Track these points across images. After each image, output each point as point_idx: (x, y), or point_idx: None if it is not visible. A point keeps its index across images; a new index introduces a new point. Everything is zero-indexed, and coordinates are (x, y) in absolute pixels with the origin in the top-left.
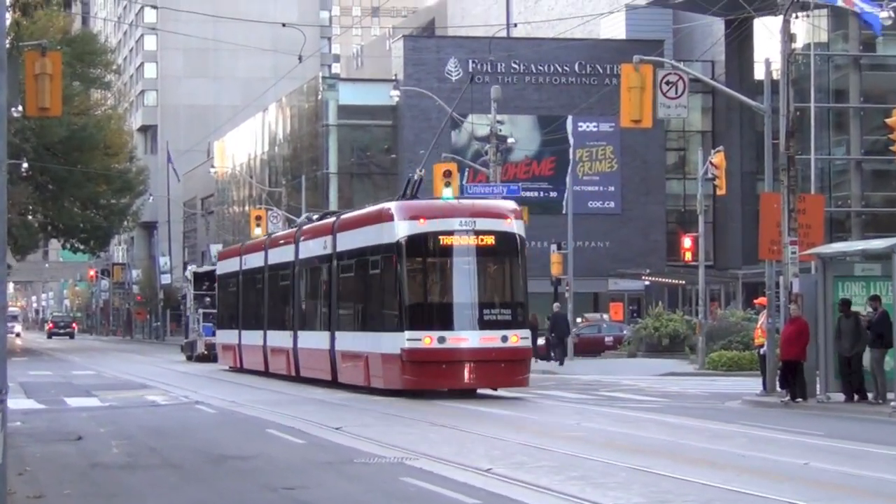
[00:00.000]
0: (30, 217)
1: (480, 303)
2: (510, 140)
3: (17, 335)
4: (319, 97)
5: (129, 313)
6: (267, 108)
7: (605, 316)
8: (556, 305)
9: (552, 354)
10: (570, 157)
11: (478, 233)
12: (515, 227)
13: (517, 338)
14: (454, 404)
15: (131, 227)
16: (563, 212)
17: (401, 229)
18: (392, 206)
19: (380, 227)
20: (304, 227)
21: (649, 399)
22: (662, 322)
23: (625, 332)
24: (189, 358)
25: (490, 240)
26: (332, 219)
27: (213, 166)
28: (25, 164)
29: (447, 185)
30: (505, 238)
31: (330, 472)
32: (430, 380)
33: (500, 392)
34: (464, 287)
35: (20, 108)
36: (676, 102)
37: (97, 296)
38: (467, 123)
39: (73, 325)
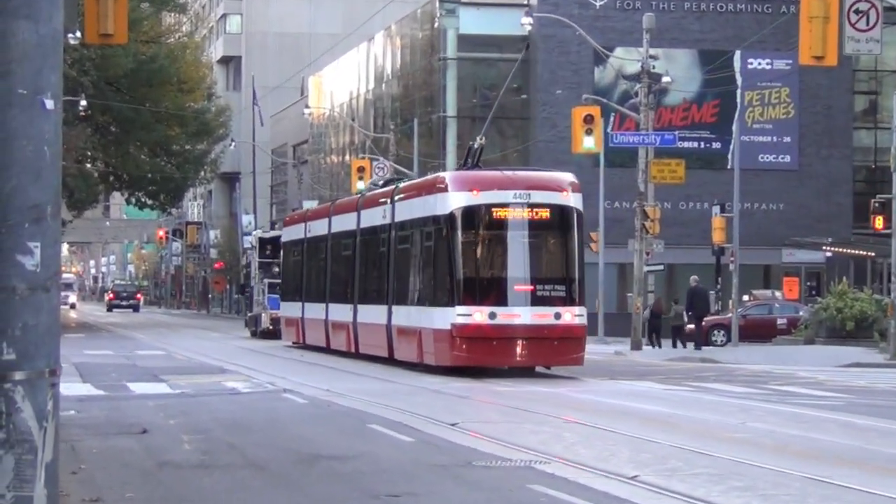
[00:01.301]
0: (88, 165)
1: (534, 278)
2: (665, 79)
3: (72, 306)
4: (436, 25)
5: (206, 282)
6: (373, 38)
7: (778, 294)
8: (693, 279)
9: (677, 341)
10: (738, 100)
11: (532, 206)
12: (573, 200)
13: (571, 315)
14: (592, 398)
15: (209, 179)
16: (728, 167)
17: (453, 201)
18: (446, 176)
19: (434, 197)
20: (367, 195)
21: (830, 395)
22: (847, 302)
23: (801, 313)
24: (253, 334)
25: (545, 213)
26: (392, 187)
27: (307, 107)
28: (84, 102)
29: (588, 132)
30: (561, 212)
31: (444, 476)
32: (480, 356)
33: (650, 384)
34: (517, 262)
35: (78, 34)
36: (867, 35)
37: (167, 261)
38: (614, 59)
39: (138, 295)
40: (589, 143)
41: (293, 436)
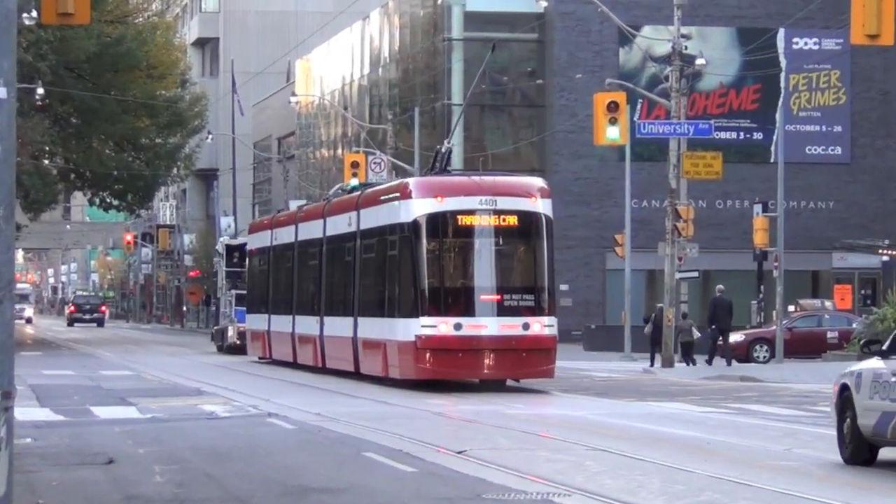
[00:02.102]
0: (46, 161)
1: (501, 287)
2: (699, 61)
3: (28, 321)
4: (439, 1)
5: (180, 293)
6: (368, 17)
7: (828, 303)
8: (718, 288)
9: (686, 358)
10: (782, 85)
11: (499, 212)
12: (541, 206)
13: (540, 325)
14: (617, 422)
15: (183, 177)
16: (772, 160)
17: (417, 207)
18: (410, 182)
19: (398, 204)
20: (333, 201)
21: None
22: None
23: (854, 325)
24: (220, 349)
25: (512, 220)
26: (358, 193)
27: (293, 95)
28: (41, 90)
29: (612, 122)
30: (529, 218)
31: None
32: (446, 369)
33: (683, 405)
34: (483, 270)
35: (34, 13)
36: None
37: (136, 269)
38: (641, 38)
39: (103, 308)
40: (613, 134)
41: (279, 465)
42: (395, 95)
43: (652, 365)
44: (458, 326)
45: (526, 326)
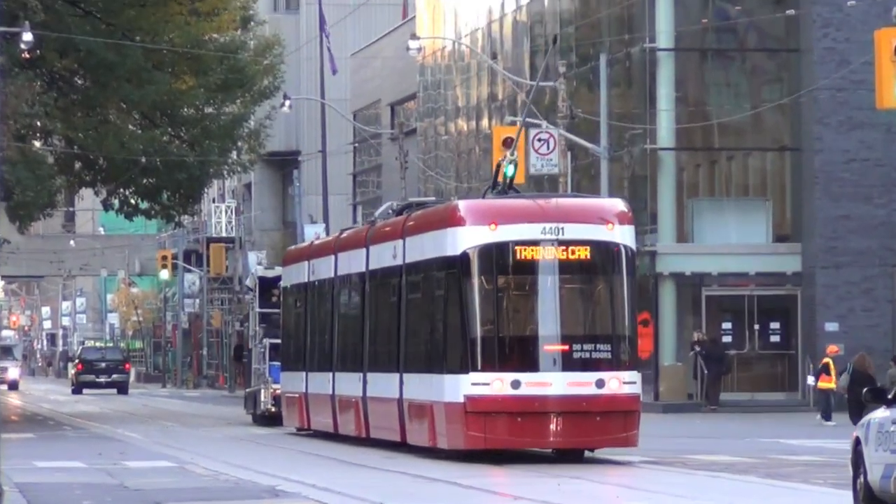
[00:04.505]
0: (37, 144)
1: (568, 335)
2: None
3: (12, 387)
4: None
5: (243, 340)
6: None
7: None
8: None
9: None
10: None
11: (567, 243)
12: (620, 234)
13: (618, 382)
14: None
15: (248, 165)
16: None
17: (466, 237)
18: (460, 205)
19: (444, 233)
20: (377, 226)
21: None
22: None
23: None
24: (254, 418)
25: (583, 252)
26: (405, 215)
27: (413, 38)
28: (29, 36)
29: None
30: (604, 250)
31: None
32: (501, 437)
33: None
34: (546, 315)
35: None
36: None
37: (176, 306)
38: None
39: (126, 365)
40: None
41: None
42: (569, 37)
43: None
44: (515, 384)
45: (600, 384)
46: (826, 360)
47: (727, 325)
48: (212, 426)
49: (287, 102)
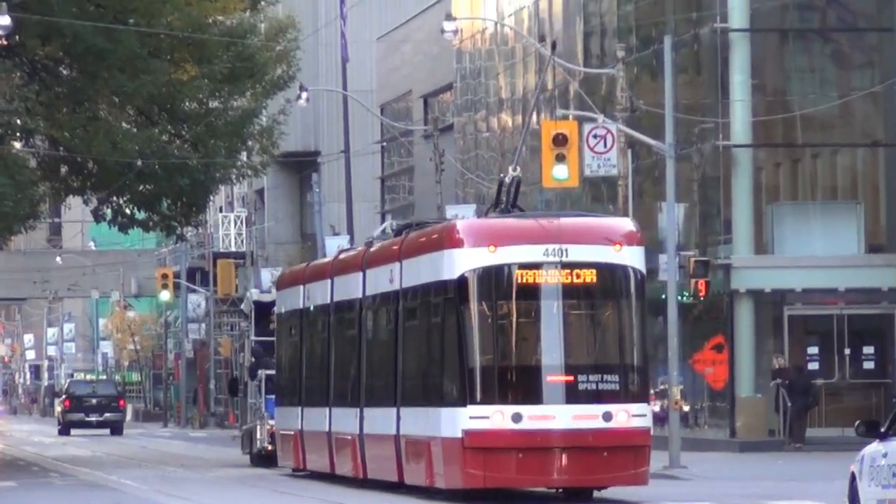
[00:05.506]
0: (17, 145)
1: (573, 365)
2: None
3: None
4: None
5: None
6: None
7: None
8: None
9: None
10: None
11: (571, 265)
12: (628, 256)
13: (627, 415)
14: None
15: (260, 168)
16: None
17: (464, 260)
18: (458, 225)
19: (439, 255)
20: (374, 248)
21: None
22: None
23: None
24: (252, 458)
25: (589, 275)
26: (403, 235)
27: (449, 19)
28: (6, 18)
29: None
30: (611, 273)
31: None
32: (501, 474)
33: None
34: (550, 343)
35: None
36: None
37: (179, 330)
38: None
39: (121, 401)
40: None
41: None
42: (628, 17)
43: None
44: (517, 417)
45: (607, 416)
46: None
47: (813, 350)
48: (219, 467)
49: (304, 95)
